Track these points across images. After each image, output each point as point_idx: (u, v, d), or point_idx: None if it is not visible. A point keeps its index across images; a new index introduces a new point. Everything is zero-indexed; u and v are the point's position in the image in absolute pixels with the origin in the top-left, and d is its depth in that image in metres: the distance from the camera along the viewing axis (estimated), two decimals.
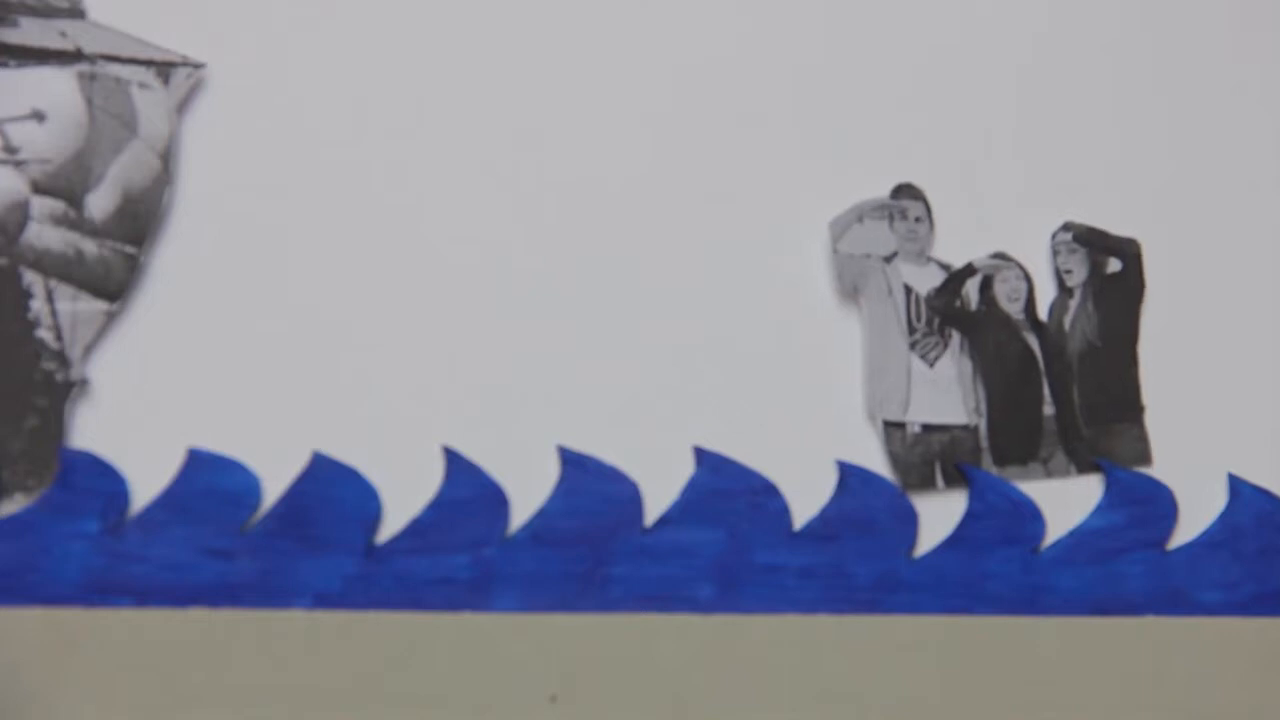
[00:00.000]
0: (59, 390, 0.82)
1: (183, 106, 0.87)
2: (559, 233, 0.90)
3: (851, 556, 0.88)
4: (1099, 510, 0.92)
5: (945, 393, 0.92)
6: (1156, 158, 0.99)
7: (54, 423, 0.82)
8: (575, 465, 0.86)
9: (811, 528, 0.88)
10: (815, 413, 0.90)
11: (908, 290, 0.94)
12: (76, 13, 0.87)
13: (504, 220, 0.90)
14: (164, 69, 0.87)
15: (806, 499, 0.88)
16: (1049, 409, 0.94)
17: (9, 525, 0.80)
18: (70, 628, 0.79)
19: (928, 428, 0.91)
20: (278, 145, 0.88)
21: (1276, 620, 0.91)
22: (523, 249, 0.90)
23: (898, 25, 0.98)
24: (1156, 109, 1.00)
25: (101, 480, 0.81)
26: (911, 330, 0.93)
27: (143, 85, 0.86)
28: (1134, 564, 0.91)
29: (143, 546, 0.81)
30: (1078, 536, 0.91)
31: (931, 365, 0.93)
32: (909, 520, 0.89)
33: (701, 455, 0.88)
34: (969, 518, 0.90)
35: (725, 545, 0.87)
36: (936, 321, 0.93)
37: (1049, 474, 0.92)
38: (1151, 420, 0.95)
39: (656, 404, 0.89)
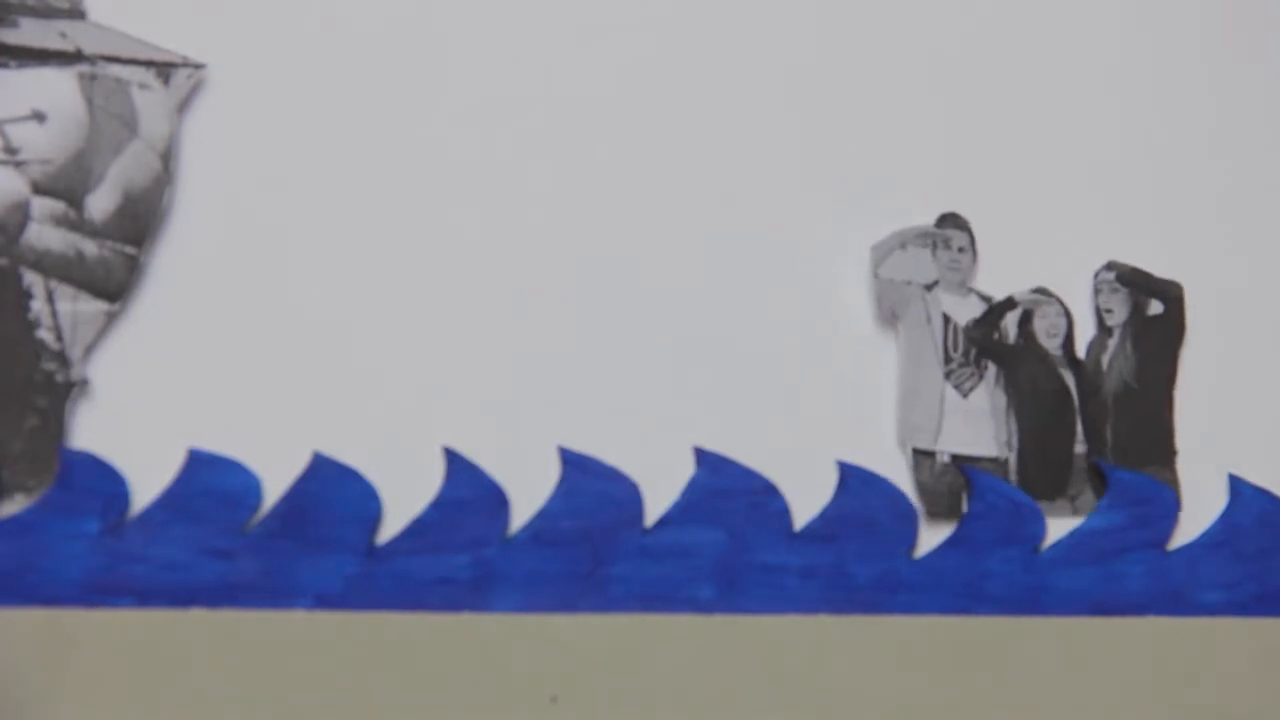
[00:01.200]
0: (59, 390, 0.82)
1: (183, 107, 0.87)
2: (560, 233, 0.90)
3: (852, 556, 0.88)
4: (1099, 510, 0.92)
5: (977, 424, 0.92)
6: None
7: (54, 423, 0.82)
8: (575, 465, 0.86)
9: (812, 528, 0.88)
10: (815, 413, 0.90)
11: (946, 319, 0.93)
12: (77, 13, 0.87)
13: (505, 221, 0.90)
14: (164, 69, 0.87)
15: (807, 499, 0.88)
16: (1080, 447, 0.93)
17: (9, 525, 0.80)
18: (70, 628, 0.79)
19: (957, 458, 0.91)
20: (278, 145, 0.88)
21: (1276, 620, 0.91)
22: (523, 249, 0.90)
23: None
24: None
25: (102, 480, 0.81)
26: (948, 360, 0.93)
27: (143, 86, 0.86)
28: (1134, 564, 0.91)
29: (143, 547, 0.81)
30: (1078, 536, 0.91)
31: (965, 396, 0.92)
32: (909, 520, 0.89)
33: (702, 455, 0.88)
34: (969, 518, 0.90)
35: (725, 545, 0.87)
36: (973, 352, 0.93)
37: (1075, 511, 0.92)
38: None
39: (656, 404, 0.89)
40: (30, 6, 0.86)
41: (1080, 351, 0.96)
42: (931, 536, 0.89)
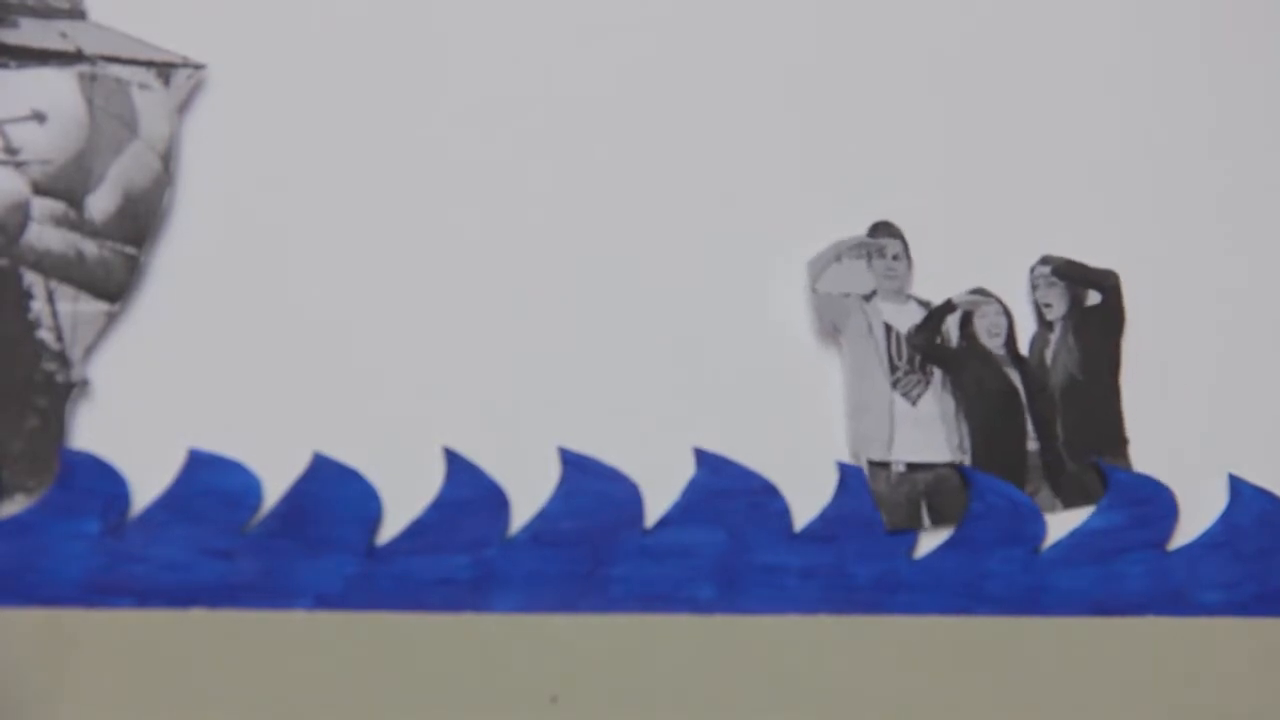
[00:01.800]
0: (59, 391, 0.82)
1: (183, 107, 0.87)
2: (560, 233, 0.91)
3: (852, 557, 0.88)
4: (1099, 510, 0.92)
5: (929, 431, 0.92)
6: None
7: (54, 423, 0.82)
8: (576, 466, 0.86)
9: (812, 528, 0.88)
10: (816, 414, 0.91)
11: (888, 328, 0.93)
12: (77, 13, 0.87)
13: (505, 221, 0.90)
14: (165, 70, 0.87)
15: (807, 499, 0.88)
16: (1033, 444, 0.93)
17: (9, 526, 0.80)
18: (70, 628, 0.79)
19: (912, 466, 0.91)
20: (278, 146, 0.88)
21: (1276, 620, 0.91)
22: (524, 250, 0.90)
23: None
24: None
25: (102, 481, 0.81)
26: (893, 369, 0.93)
27: (143, 86, 0.86)
28: (1134, 564, 0.91)
29: (143, 547, 0.81)
30: (1078, 537, 0.91)
31: (914, 403, 0.92)
32: None
33: (702, 456, 0.88)
34: (969, 518, 0.90)
35: (726, 546, 0.87)
36: (918, 359, 0.93)
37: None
38: (1152, 420, 0.95)
39: (657, 404, 0.89)
40: (30, 6, 0.86)
41: (1023, 348, 0.96)
42: (931, 537, 0.89)
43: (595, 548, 0.85)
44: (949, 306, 0.94)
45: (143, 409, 0.83)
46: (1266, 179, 1.02)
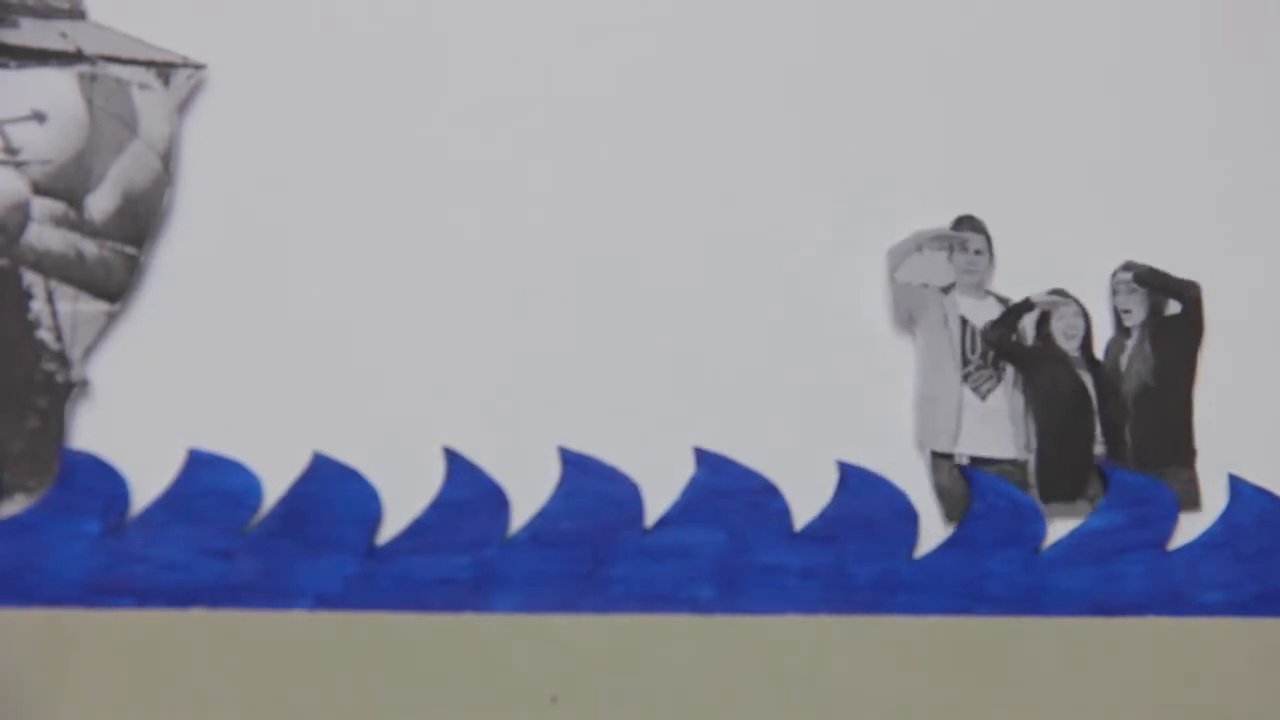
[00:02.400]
0: (59, 391, 0.82)
1: (183, 107, 0.87)
2: (560, 233, 0.90)
3: (852, 557, 0.88)
4: (1100, 510, 0.92)
5: (996, 426, 0.92)
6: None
7: (54, 423, 0.82)
8: (576, 466, 0.86)
9: (812, 528, 0.88)
10: (817, 413, 0.90)
11: (964, 322, 0.93)
12: (77, 13, 0.87)
13: (505, 221, 0.90)
14: (165, 70, 0.87)
15: (807, 499, 0.88)
16: (1100, 448, 0.93)
17: (10, 525, 0.80)
18: (70, 628, 0.79)
19: (976, 460, 0.91)
20: (278, 146, 0.88)
21: (1276, 620, 0.91)
22: (524, 250, 0.90)
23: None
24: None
25: (102, 481, 0.81)
26: (965, 362, 0.93)
27: (143, 86, 0.86)
28: (1134, 564, 0.91)
29: (143, 547, 0.81)
30: (1078, 537, 0.91)
31: (984, 398, 0.92)
32: (909, 520, 0.89)
33: (702, 455, 0.88)
34: (970, 518, 0.90)
35: (726, 545, 0.87)
36: (991, 355, 0.93)
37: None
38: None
39: (656, 404, 0.89)
40: (30, 6, 0.86)
41: (1098, 352, 0.95)
42: (931, 536, 0.89)
43: (595, 548, 0.85)
44: (1027, 305, 0.94)
45: (143, 409, 0.83)
46: (1271, 180, 1.01)
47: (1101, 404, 0.94)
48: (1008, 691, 0.87)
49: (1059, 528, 0.91)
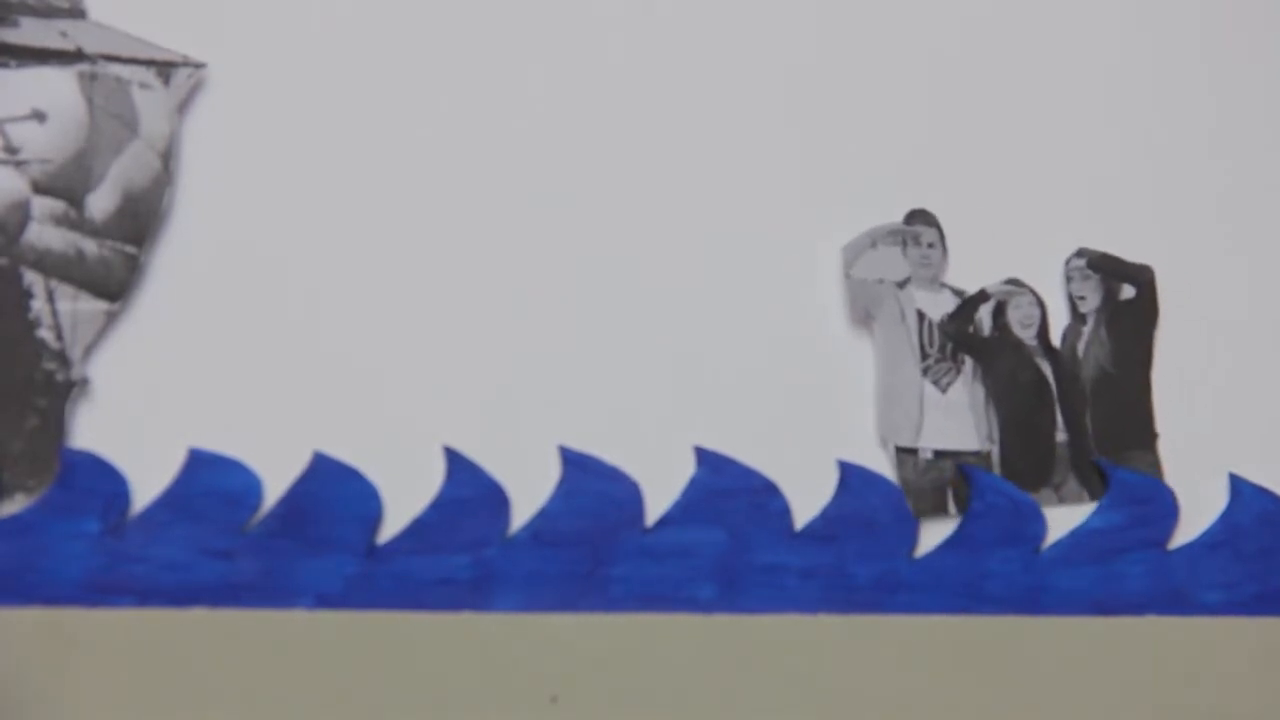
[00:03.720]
0: (59, 390, 0.82)
1: (183, 106, 0.87)
2: (560, 233, 0.90)
3: (852, 556, 0.88)
4: (1100, 510, 0.92)
5: (958, 419, 0.92)
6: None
7: (54, 423, 0.82)
8: (576, 465, 0.86)
9: (812, 528, 0.88)
10: (817, 412, 0.90)
11: (921, 316, 0.93)
12: (77, 13, 0.87)
13: (506, 220, 0.90)
14: (165, 69, 0.87)
15: (807, 499, 0.88)
16: (1062, 435, 0.93)
17: (9, 525, 0.80)
18: (70, 628, 0.79)
19: (940, 454, 0.91)
20: (278, 145, 0.88)
21: (1277, 620, 0.91)
22: (524, 249, 0.90)
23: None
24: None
25: (102, 480, 0.81)
26: (924, 356, 0.93)
27: (143, 85, 0.86)
28: (1135, 564, 0.91)
29: (143, 546, 0.81)
30: (1078, 536, 0.91)
31: (944, 391, 0.92)
32: (909, 520, 0.89)
33: (702, 455, 0.88)
34: (969, 518, 0.90)
35: (726, 545, 0.87)
36: (949, 347, 0.93)
37: (1061, 500, 0.92)
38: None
39: (657, 404, 0.89)
40: (30, 6, 0.86)
41: (1055, 340, 0.96)
42: (931, 536, 0.89)
43: (595, 547, 0.85)
44: (983, 296, 0.95)
45: (143, 409, 0.83)
46: (1264, 176, 1.01)
47: (1061, 391, 0.94)
48: (1008, 691, 0.87)
49: (1059, 528, 0.91)
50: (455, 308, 0.88)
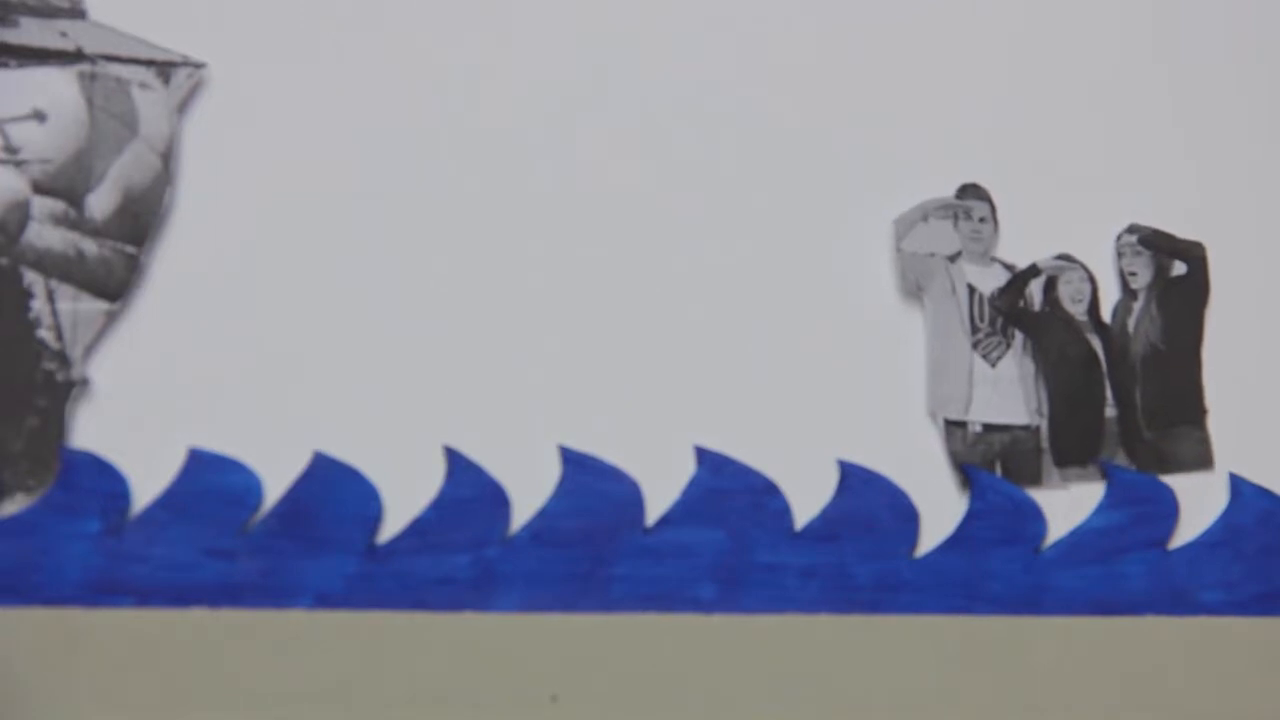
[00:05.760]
0: (59, 390, 0.82)
1: (183, 106, 0.87)
2: (560, 232, 0.90)
3: (852, 556, 0.88)
4: (1100, 510, 0.92)
5: (1007, 393, 0.93)
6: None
7: (54, 423, 0.82)
8: (576, 465, 0.86)
9: (812, 528, 0.88)
10: (818, 412, 0.90)
11: (971, 290, 0.94)
12: (77, 13, 0.87)
13: (506, 220, 0.90)
14: (165, 69, 0.87)
15: (807, 499, 0.88)
16: (1111, 411, 0.94)
17: (10, 525, 0.80)
18: (70, 628, 0.79)
19: (989, 427, 0.92)
20: (278, 145, 0.88)
21: (1277, 620, 0.91)
22: (524, 248, 0.90)
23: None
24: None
25: (102, 480, 0.81)
26: (974, 330, 0.93)
27: (143, 85, 0.86)
28: (1135, 564, 0.90)
29: (143, 546, 0.81)
30: (1079, 536, 0.91)
31: (994, 365, 0.93)
32: (910, 520, 0.89)
33: (702, 455, 0.88)
34: (970, 517, 0.90)
35: (726, 545, 0.87)
36: (1000, 321, 0.94)
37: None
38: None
39: (657, 403, 0.89)
40: (30, 6, 0.86)
41: (1106, 316, 0.96)
42: (931, 536, 0.89)
43: (596, 547, 0.85)
44: (1034, 270, 0.95)
45: (143, 408, 0.83)
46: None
47: (1111, 367, 0.94)
48: (1008, 691, 0.87)
49: (1059, 527, 0.91)
50: (455, 307, 0.88)
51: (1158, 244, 0.96)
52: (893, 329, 0.92)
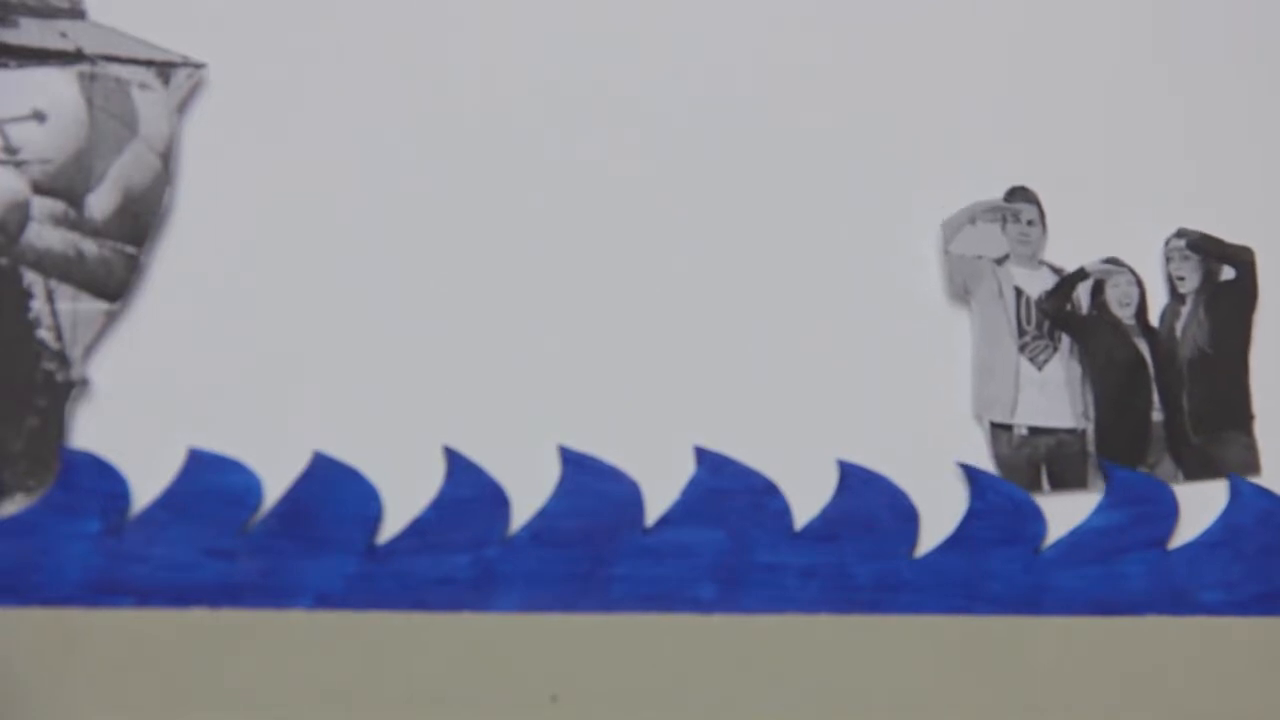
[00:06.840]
0: (59, 390, 0.82)
1: (183, 106, 0.87)
2: (560, 232, 0.90)
3: (852, 556, 0.88)
4: (1100, 510, 0.92)
5: (1053, 396, 0.93)
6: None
7: (54, 423, 0.82)
8: (576, 465, 0.86)
9: (812, 528, 0.88)
10: (818, 412, 0.90)
11: (1018, 293, 0.94)
12: (77, 13, 0.87)
13: (506, 220, 0.90)
14: (164, 69, 0.87)
15: (807, 499, 0.88)
16: (1158, 415, 0.94)
17: (9, 525, 0.80)
18: (70, 628, 0.79)
19: (1034, 430, 0.92)
20: (277, 145, 0.88)
21: (1277, 620, 0.91)
22: (525, 248, 0.90)
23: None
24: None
25: (102, 480, 0.81)
26: (1021, 333, 0.93)
27: (143, 85, 0.86)
28: (1135, 564, 0.90)
29: (143, 546, 0.81)
30: (1079, 536, 0.91)
31: (1040, 368, 0.93)
32: (910, 520, 0.89)
33: (702, 455, 0.88)
34: (970, 517, 0.90)
35: (726, 545, 0.87)
36: (1047, 325, 0.94)
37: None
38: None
39: (657, 404, 0.89)
40: (30, 6, 0.86)
41: (1154, 320, 0.96)
42: (931, 536, 0.89)
43: (595, 547, 0.85)
44: (1081, 274, 0.95)
45: (143, 408, 0.83)
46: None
47: (1158, 371, 0.95)
48: (1008, 691, 0.87)
49: (1059, 527, 0.91)
50: (455, 307, 0.88)
51: (1206, 248, 0.96)
52: (893, 329, 0.92)
